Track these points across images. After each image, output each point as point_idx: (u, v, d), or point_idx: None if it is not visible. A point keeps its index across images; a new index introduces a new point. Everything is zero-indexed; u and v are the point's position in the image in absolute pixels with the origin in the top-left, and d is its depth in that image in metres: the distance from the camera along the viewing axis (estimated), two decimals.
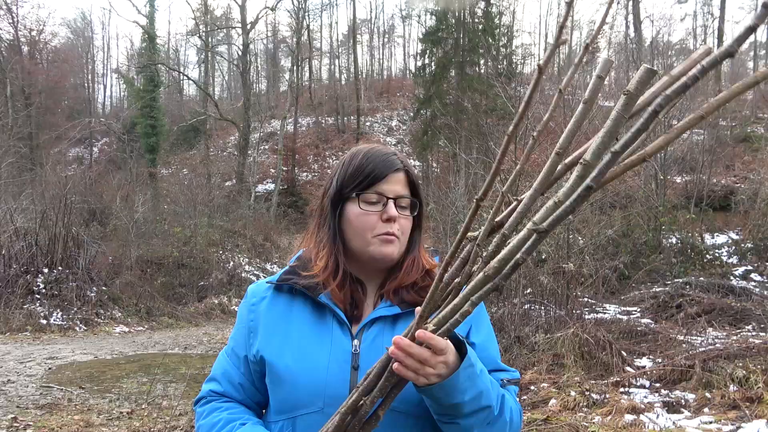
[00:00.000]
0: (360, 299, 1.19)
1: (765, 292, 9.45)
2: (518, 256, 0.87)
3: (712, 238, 13.74)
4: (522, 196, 0.92)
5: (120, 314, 11.94)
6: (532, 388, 5.59)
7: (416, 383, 0.96)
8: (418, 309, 0.96)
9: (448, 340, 0.96)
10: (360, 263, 1.21)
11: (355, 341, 1.13)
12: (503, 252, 0.89)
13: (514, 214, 0.92)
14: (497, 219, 0.95)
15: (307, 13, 35.09)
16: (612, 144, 0.82)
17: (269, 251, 20.65)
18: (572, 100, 14.51)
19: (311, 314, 1.17)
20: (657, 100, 0.79)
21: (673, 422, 4.58)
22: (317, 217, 1.26)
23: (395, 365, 0.93)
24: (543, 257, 9.19)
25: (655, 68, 0.80)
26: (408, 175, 1.21)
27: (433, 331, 0.92)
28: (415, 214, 1.22)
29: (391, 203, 1.17)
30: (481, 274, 0.91)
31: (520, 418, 1.16)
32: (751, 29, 0.73)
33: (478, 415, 1.02)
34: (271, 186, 29.30)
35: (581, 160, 0.85)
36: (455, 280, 0.95)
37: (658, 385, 5.47)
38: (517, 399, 1.19)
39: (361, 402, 0.95)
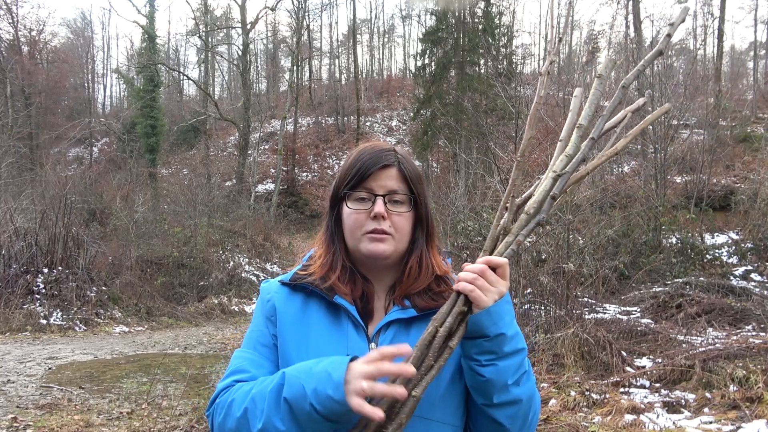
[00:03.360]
0: (370, 292, 1.19)
1: (765, 292, 9.44)
2: (552, 191, 1.12)
3: (712, 238, 13.73)
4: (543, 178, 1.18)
5: (120, 314, 11.93)
6: None
7: (481, 303, 1.04)
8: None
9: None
10: (363, 263, 1.21)
11: (372, 344, 1.13)
12: (536, 195, 1.13)
13: (541, 187, 1.16)
14: (524, 195, 1.19)
15: (307, 13, 35.12)
16: (597, 114, 1.18)
17: (269, 251, 20.66)
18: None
19: (326, 315, 1.16)
20: (623, 81, 1.17)
21: (673, 422, 4.58)
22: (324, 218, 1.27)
23: (468, 288, 1.05)
24: (543, 257, 9.19)
25: (614, 58, 1.12)
26: (401, 170, 1.18)
27: None
28: (410, 210, 1.19)
29: (379, 200, 1.15)
30: (523, 214, 1.12)
31: (539, 407, 1.18)
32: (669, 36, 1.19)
33: (515, 357, 1.07)
34: (271, 186, 29.31)
35: (576, 125, 1.18)
36: (506, 228, 1.16)
37: (658, 385, 5.46)
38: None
39: (437, 332, 1.04)
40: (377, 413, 0.95)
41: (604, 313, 8.51)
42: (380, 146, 1.21)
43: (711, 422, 4.52)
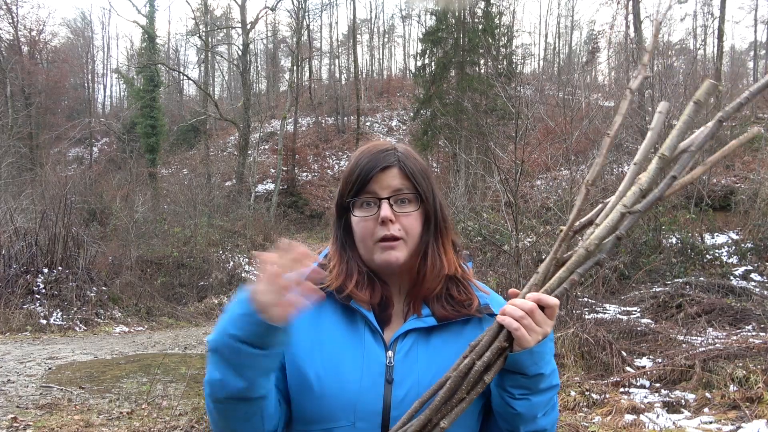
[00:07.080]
0: (389, 297, 1.15)
1: (765, 292, 9.44)
2: (618, 231, 1.02)
3: (712, 238, 13.72)
4: (607, 200, 1.09)
5: (120, 314, 11.93)
6: None
7: (525, 343, 1.00)
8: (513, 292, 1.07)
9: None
10: (378, 270, 1.15)
11: (389, 352, 1.08)
12: (599, 229, 1.03)
13: (606, 209, 1.07)
14: (582, 219, 1.10)
15: (307, 13, 35.12)
16: (681, 141, 1.03)
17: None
18: (572, 101, 14.49)
19: (342, 318, 1.11)
20: (720, 114, 1.01)
21: (673, 422, 4.58)
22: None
23: (513, 326, 0.99)
24: (543, 257, 9.19)
25: (717, 83, 1.03)
26: (402, 169, 1.13)
27: None
28: (418, 208, 1.13)
29: (384, 203, 1.10)
30: (582, 249, 1.03)
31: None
32: None
33: (548, 393, 1.06)
34: (271, 186, 29.30)
35: (659, 154, 1.03)
36: (566, 263, 1.07)
37: (658, 385, 5.47)
38: None
39: (474, 365, 1.01)
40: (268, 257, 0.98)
41: (604, 313, 8.51)
42: (378, 147, 1.16)
43: (711, 422, 4.52)
